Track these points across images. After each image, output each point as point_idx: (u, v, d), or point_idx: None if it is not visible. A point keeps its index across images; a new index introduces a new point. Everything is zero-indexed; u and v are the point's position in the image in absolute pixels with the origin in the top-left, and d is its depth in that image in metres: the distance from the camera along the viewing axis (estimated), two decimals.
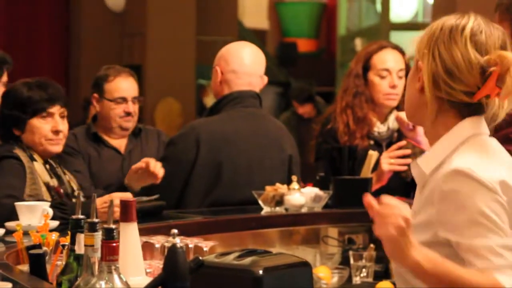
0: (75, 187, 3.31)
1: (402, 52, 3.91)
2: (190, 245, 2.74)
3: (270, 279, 2.27)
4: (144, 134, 3.97)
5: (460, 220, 1.76)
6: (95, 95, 3.86)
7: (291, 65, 11.33)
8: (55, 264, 2.27)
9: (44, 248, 2.24)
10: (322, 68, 11.43)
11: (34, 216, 2.77)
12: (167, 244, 2.51)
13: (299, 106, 8.12)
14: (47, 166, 3.24)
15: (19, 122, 3.22)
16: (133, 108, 3.86)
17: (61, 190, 3.17)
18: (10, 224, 2.71)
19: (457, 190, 1.76)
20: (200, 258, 1.79)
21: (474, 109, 1.85)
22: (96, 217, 1.91)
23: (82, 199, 2.17)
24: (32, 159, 3.19)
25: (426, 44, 1.84)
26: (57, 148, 3.25)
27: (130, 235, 2.13)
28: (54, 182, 3.17)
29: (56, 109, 3.24)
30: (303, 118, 8.06)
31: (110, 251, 1.82)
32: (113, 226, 1.83)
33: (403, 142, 3.68)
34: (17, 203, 2.83)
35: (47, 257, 2.22)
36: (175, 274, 1.74)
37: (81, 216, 2.02)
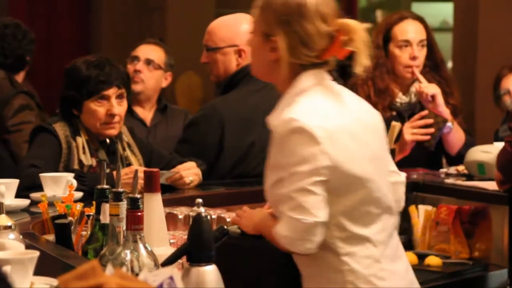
0: (135, 164, 3.21)
1: (423, 22, 3.88)
2: (213, 216, 2.75)
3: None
4: (170, 111, 4.05)
5: (280, 167, 2.07)
6: None
7: None
8: (80, 234, 2.29)
9: (69, 218, 2.26)
10: None
11: (59, 187, 2.79)
12: (192, 214, 2.53)
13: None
14: (96, 143, 3.18)
15: (76, 103, 3.15)
16: (142, 67, 3.96)
17: (98, 170, 3.12)
18: (35, 195, 2.73)
19: (280, 138, 2.07)
20: (225, 227, 1.80)
21: (319, 64, 2.13)
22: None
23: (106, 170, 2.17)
24: (76, 133, 3.14)
25: (274, 21, 2.11)
26: (113, 131, 3.15)
27: (154, 206, 2.15)
28: (92, 161, 3.11)
29: (112, 92, 3.13)
30: None
31: (135, 221, 1.84)
32: (138, 196, 1.85)
33: (425, 112, 3.67)
34: (41, 174, 2.84)
35: (72, 227, 2.24)
36: (200, 243, 1.75)
37: (106, 186, 2.04)
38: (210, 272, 1.75)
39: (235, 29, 3.55)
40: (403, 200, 2.30)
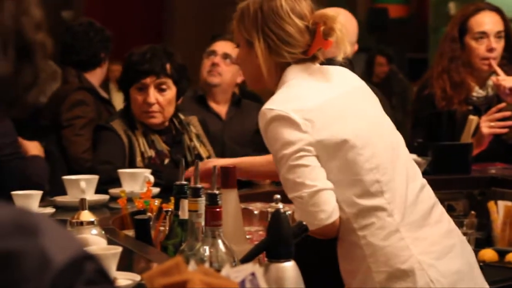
0: (204, 154, 3.26)
1: (500, 13, 3.79)
2: (288, 212, 2.75)
3: None
4: (244, 105, 4.06)
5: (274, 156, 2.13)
6: None
7: (381, 31, 11.16)
8: (159, 229, 2.31)
9: (148, 214, 2.28)
10: (413, 34, 11.23)
11: (136, 183, 2.83)
12: (270, 210, 2.53)
13: (388, 64, 7.94)
14: (159, 136, 3.23)
15: (124, 91, 3.26)
16: (219, 60, 3.96)
17: (158, 161, 3.18)
18: (114, 191, 2.77)
19: (263, 131, 2.14)
20: (304, 223, 1.79)
21: (308, 59, 2.18)
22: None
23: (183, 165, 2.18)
24: (134, 127, 3.21)
25: (252, 28, 2.15)
26: (154, 120, 3.20)
27: (230, 202, 2.15)
28: (151, 153, 3.17)
29: (150, 80, 3.17)
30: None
31: (214, 217, 1.84)
32: (217, 192, 1.85)
33: (502, 104, 3.59)
34: (120, 170, 2.88)
35: (150, 223, 2.26)
36: (279, 239, 1.74)
37: (184, 182, 2.05)
38: (290, 268, 1.74)
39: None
40: None
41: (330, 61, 3.56)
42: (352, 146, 2.09)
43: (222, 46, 4.04)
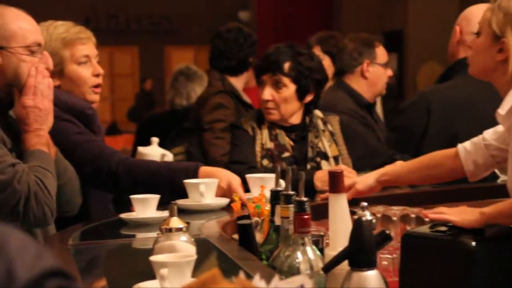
0: (330, 153, 3.26)
1: None
2: (412, 215, 2.70)
3: (484, 252, 2.17)
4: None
5: None
6: (367, 61, 3.97)
7: None
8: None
9: (255, 219, 2.30)
10: None
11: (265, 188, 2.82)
12: (355, 217, 2.49)
13: None
14: (281, 132, 3.27)
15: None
16: None
17: (275, 152, 3.22)
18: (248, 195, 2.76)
19: None
20: (387, 231, 1.76)
21: None
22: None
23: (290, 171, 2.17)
24: (261, 123, 3.28)
25: (506, 21, 2.19)
26: (271, 117, 3.25)
27: (339, 207, 2.13)
28: (270, 145, 3.23)
29: (266, 77, 3.25)
30: None
31: (302, 224, 1.85)
32: (305, 199, 1.86)
33: None
34: (247, 175, 2.87)
35: (258, 227, 2.28)
36: (361, 248, 1.72)
37: (279, 188, 2.07)
38: (372, 277, 1.72)
39: (467, 12, 3.46)
40: None
41: None
42: None
43: None
